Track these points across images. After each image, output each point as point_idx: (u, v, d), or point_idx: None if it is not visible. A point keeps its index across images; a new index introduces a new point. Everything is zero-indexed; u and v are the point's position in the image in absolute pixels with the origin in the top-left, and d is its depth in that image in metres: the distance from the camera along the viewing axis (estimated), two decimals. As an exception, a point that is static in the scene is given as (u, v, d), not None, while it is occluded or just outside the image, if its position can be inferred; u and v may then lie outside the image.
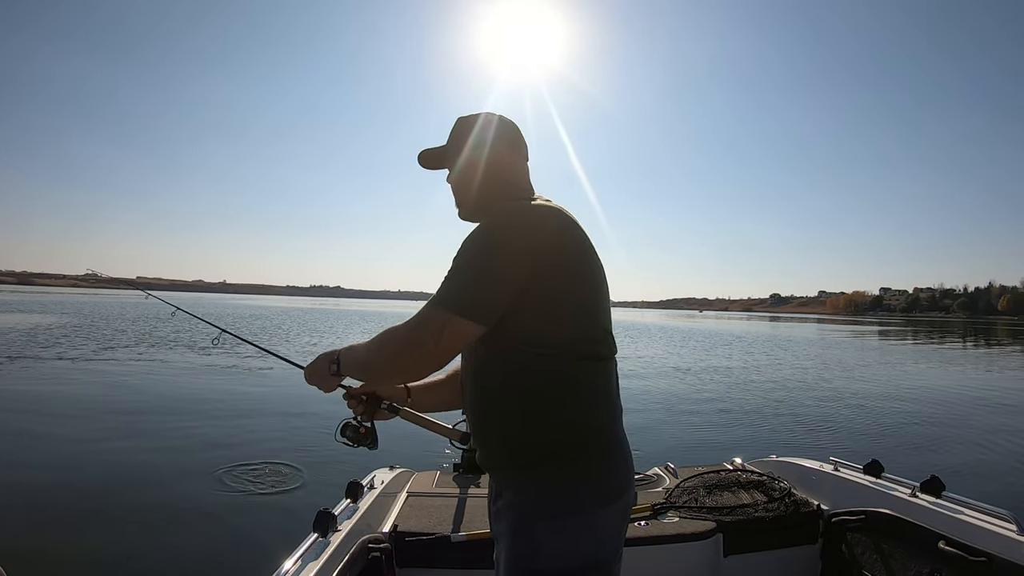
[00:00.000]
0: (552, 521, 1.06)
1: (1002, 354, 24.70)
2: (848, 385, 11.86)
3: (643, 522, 2.02)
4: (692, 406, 8.87)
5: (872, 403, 9.56)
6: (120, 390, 8.74)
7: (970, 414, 8.61)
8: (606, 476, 1.10)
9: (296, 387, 9.49)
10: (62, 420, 6.56)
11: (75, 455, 5.16)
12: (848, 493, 2.10)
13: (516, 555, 1.07)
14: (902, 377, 13.92)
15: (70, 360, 11.87)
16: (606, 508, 1.08)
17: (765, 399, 9.76)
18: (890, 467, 2.11)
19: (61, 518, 3.79)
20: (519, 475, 1.11)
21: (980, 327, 73.99)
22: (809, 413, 8.63)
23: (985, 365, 18.37)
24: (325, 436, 6.15)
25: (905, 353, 22.48)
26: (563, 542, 1.05)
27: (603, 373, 1.13)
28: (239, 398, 8.40)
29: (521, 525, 1.08)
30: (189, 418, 6.89)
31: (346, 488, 1.97)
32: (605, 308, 1.16)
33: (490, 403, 1.14)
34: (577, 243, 1.11)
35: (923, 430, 7.54)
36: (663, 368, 14.20)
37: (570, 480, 1.07)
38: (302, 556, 1.52)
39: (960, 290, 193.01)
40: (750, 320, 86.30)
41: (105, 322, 24.29)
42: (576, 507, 1.06)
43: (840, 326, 63.30)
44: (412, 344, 1.06)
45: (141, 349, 14.50)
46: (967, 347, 28.54)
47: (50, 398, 7.80)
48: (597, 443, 1.11)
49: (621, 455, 1.14)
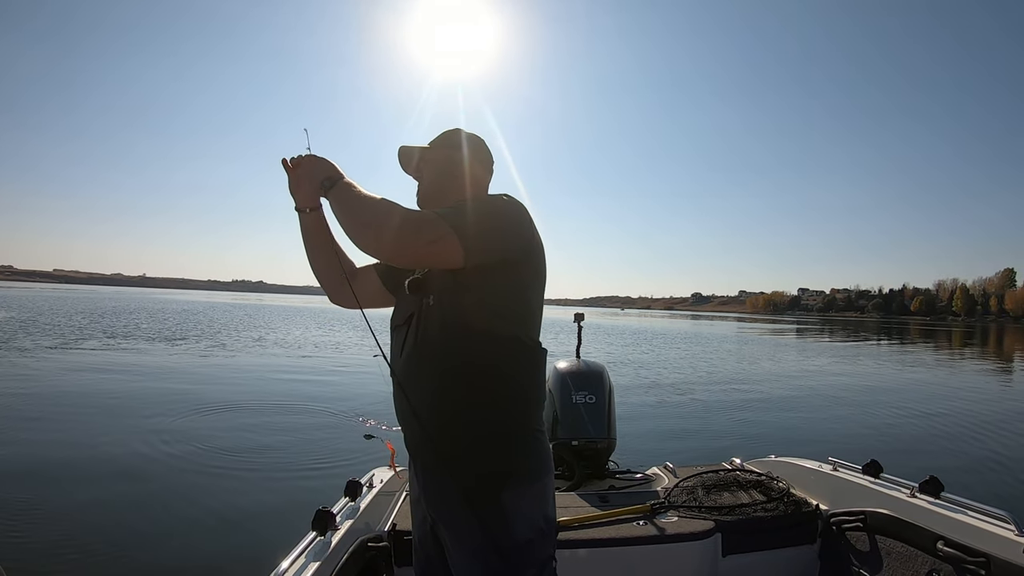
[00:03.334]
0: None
1: (918, 351, 24.81)
2: (848, 385, 11.88)
3: (642, 522, 2.02)
4: (692, 406, 8.87)
5: (871, 403, 9.57)
6: (107, 385, 8.73)
7: (969, 415, 8.61)
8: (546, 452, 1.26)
9: (296, 387, 9.50)
10: (56, 418, 6.55)
11: (74, 454, 5.16)
12: (847, 493, 2.10)
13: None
14: (902, 377, 13.95)
15: (34, 354, 11.87)
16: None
17: (765, 399, 9.76)
18: (889, 467, 2.11)
19: (59, 517, 3.79)
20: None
21: (894, 326, 78.12)
22: (808, 413, 8.64)
23: (939, 363, 18.45)
24: (325, 435, 6.15)
25: (831, 350, 22.83)
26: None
27: (544, 359, 1.29)
28: (237, 395, 8.39)
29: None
30: (186, 416, 6.88)
31: (345, 487, 1.96)
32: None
33: (466, 385, 1.18)
34: (539, 238, 1.26)
35: (922, 431, 7.54)
36: (653, 367, 14.22)
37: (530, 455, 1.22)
38: (301, 555, 1.52)
39: (875, 291, 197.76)
40: (672, 318, 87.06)
41: (91, 316, 24.36)
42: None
43: (759, 324, 67.11)
44: (413, 231, 1.10)
45: (127, 343, 14.52)
46: (897, 345, 29.82)
47: (28, 394, 7.79)
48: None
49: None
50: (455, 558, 1.18)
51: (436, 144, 1.38)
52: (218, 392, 8.67)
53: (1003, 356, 24.58)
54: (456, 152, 1.36)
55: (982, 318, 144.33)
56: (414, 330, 1.23)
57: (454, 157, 1.35)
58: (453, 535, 1.19)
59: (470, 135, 1.39)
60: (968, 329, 74.48)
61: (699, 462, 2.65)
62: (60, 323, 21.17)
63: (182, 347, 15.19)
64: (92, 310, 31.88)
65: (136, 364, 11.54)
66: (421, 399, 1.20)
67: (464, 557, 1.16)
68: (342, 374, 11.20)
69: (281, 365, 12.26)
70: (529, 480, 1.17)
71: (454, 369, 1.17)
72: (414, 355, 1.22)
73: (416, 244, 1.10)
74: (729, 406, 8.94)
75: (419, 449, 1.25)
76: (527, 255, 1.20)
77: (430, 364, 1.19)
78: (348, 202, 1.18)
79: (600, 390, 2.84)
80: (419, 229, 1.10)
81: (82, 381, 9.17)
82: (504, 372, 1.18)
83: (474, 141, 1.39)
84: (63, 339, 15.38)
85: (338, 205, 1.19)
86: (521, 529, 1.14)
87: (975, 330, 70.43)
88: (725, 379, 12.37)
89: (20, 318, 22.85)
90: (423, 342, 1.21)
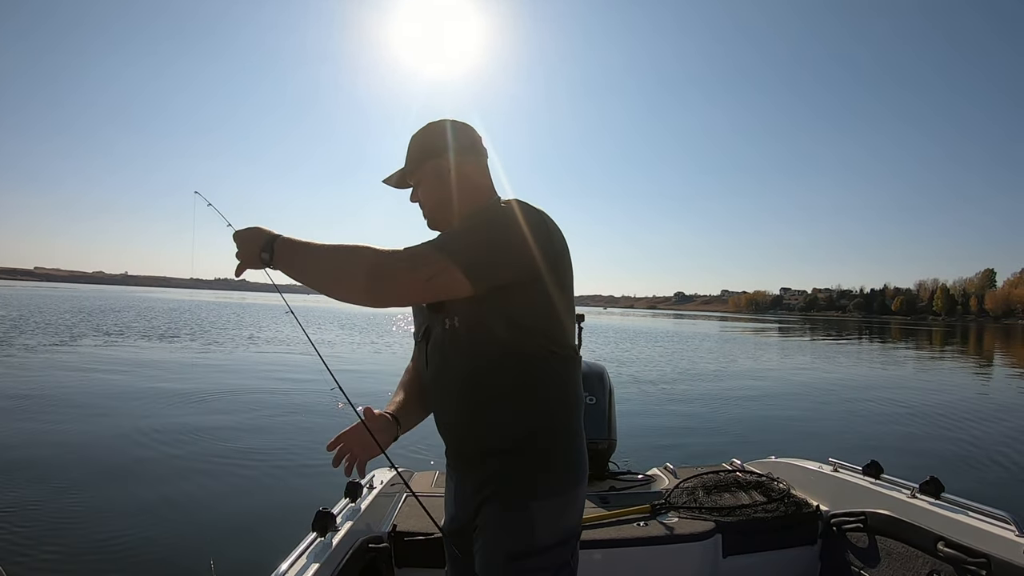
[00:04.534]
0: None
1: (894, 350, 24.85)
2: (847, 385, 11.88)
3: (643, 522, 2.02)
4: (691, 407, 8.87)
5: (871, 404, 9.57)
6: (104, 385, 8.72)
7: (969, 415, 8.61)
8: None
9: (296, 386, 9.49)
10: (56, 418, 6.55)
11: (73, 454, 5.16)
12: (847, 494, 2.10)
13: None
14: (901, 377, 13.95)
15: (35, 352, 11.86)
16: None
17: (766, 400, 9.76)
18: (889, 468, 2.11)
19: (58, 515, 3.79)
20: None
21: (875, 325, 79.26)
22: (808, 414, 8.64)
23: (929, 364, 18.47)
24: (325, 435, 6.14)
25: (823, 349, 22.80)
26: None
27: (578, 367, 1.25)
28: (237, 395, 8.38)
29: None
30: (186, 416, 6.87)
31: (345, 488, 1.96)
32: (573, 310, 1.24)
33: (496, 396, 1.17)
34: (565, 244, 1.19)
35: (922, 431, 7.55)
36: (633, 364, 14.23)
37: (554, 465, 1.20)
38: (301, 556, 1.52)
39: (856, 291, 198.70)
40: (655, 317, 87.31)
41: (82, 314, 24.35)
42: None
43: (742, 323, 68.16)
44: (404, 269, 1.03)
45: (121, 341, 14.52)
46: (887, 344, 30.02)
47: (28, 395, 7.78)
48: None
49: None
50: (479, 559, 1.19)
51: (412, 159, 1.27)
52: (218, 392, 8.67)
53: (992, 356, 24.81)
54: (438, 160, 1.24)
55: (962, 318, 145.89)
56: (439, 347, 1.22)
57: (439, 167, 1.24)
58: (480, 538, 1.20)
59: (440, 127, 1.26)
60: (948, 328, 75.45)
61: (699, 463, 2.65)
62: (54, 321, 21.31)
63: (178, 345, 15.22)
64: (80, 308, 32.11)
65: (132, 363, 11.54)
66: (452, 408, 1.23)
67: (486, 558, 1.17)
68: (342, 374, 11.16)
69: (281, 365, 12.28)
70: (559, 490, 1.17)
71: (482, 383, 1.17)
72: (442, 369, 1.22)
73: (414, 284, 1.04)
74: (729, 407, 8.94)
75: (452, 454, 1.29)
76: (545, 267, 1.12)
77: (458, 380, 1.20)
78: (308, 260, 1.08)
79: (601, 391, 2.84)
80: (414, 268, 1.03)
81: (78, 380, 9.16)
82: (532, 383, 1.16)
83: (451, 132, 1.26)
84: (58, 337, 15.39)
85: (296, 271, 1.08)
86: (544, 537, 1.14)
87: (955, 329, 71.05)
88: (725, 379, 12.37)
89: (10, 316, 22.91)
90: (450, 358, 1.20)
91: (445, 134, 1.26)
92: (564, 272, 1.16)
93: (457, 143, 1.25)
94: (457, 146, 1.25)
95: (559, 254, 1.15)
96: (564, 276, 1.16)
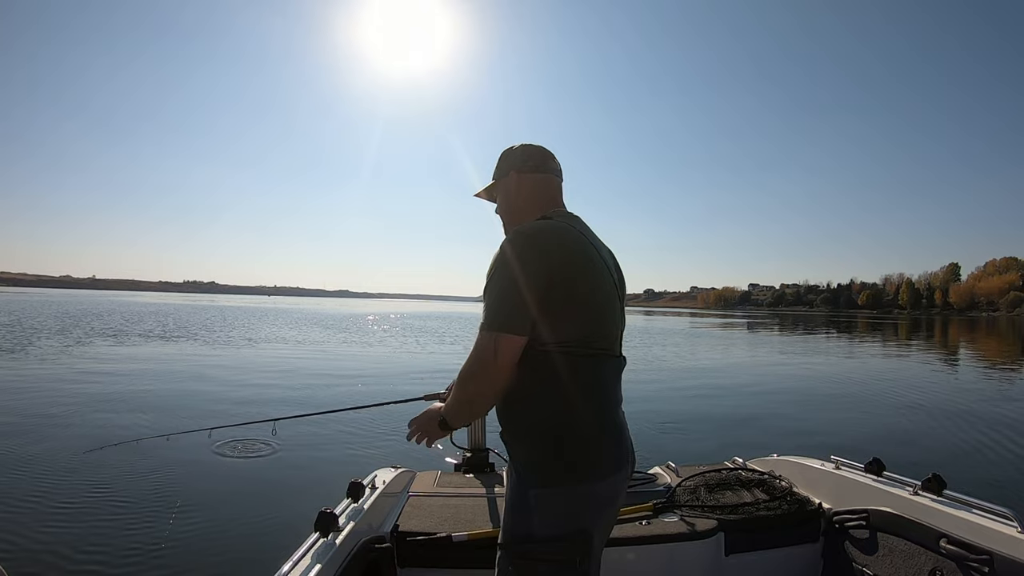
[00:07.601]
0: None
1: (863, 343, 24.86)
2: (847, 384, 11.87)
3: (645, 521, 2.02)
4: (692, 405, 8.87)
5: (873, 402, 9.56)
6: (100, 386, 8.72)
7: (971, 413, 8.61)
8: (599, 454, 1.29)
9: (296, 385, 9.50)
10: (56, 418, 6.56)
11: (73, 454, 5.16)
12: (849, 492, 2.10)
13: None
14: (901, 377, 13.94)
15: (37, 357, 11.87)
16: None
17: (766, 398, 9.76)
18: (891, 466, 2.11)
19: (60, 517, 3.80)
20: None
21: (842, 320, 79.78)
22: (810, 412, 8.64)
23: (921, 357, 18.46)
24: (326, 436, 6.15)
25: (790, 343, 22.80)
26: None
27: (599, 367, 1.29)
28: (237, 396, 8.39)
29: None
30: (184, 416, 6.88)
31: (347, 488, 1.96)
32: (606, 311, 1.31)
33: (518, 392, 1.28)
34: (572, 254, 1.26)
35: (924, 428, 7.54)
36: (654, 366, 14.22)
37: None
38: (303, 556, 1.51)
39: (823, 286, 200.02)
40: (627, 313, 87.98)
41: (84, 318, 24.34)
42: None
43: (711, 318, 69.53)
44: (481, 369, 1.23)
45: (115, 343, 14.52)
46: (858, 338, 30.37)
47: (28, 395, 7.79)
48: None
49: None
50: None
51: (494, 177, 1.53)
52: (217, 392, 8.68)
53: (959, 348, 25.03)
54: (506, 178, 1.48)
55: (927, 311, 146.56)
56: None
57: (506, 184, 1.48)
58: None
59: (513, 149, 1.49)
60: (914, 321, 75.99)
61: (701, 461, 2.65)
62: (53, 325, 21.21)
63: (175, 346, 15.21)
64: (58, 313, 31.81)
65: (126, 364, 11.55)
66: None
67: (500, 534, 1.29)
68: (340, 373, 11.23)
69: (280, 364, 12.30)
70: (562, 482, 1.22)
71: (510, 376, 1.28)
72: None
73: (492, 369, 1.21)
74: (730, 406, 8.94)
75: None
76: (550, 283, 1.22)
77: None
78: (454, 410, 1.35)
79: None
80: (484, 359, 1.21)
81: (79, 380, 9.18)
82: (543, 378, 1.24)
83: (519, 153, 1.48)
84: (52, 341, 15.39)
85: (459, 421, 1.37)
86: (543, 527, 1.21)
87: (921, 322, 71.39)
88: (725, 379, 12.37)
89: (7, 322, 22.90)
90: None
91: (512, 156, 1.48)
92: (573, 278, 1.24)
93: (521, 163, 1.46)
94: (521, 165, 1.46)
95: (563, 264, 1.24)
96: (574, 282, 1.24)
